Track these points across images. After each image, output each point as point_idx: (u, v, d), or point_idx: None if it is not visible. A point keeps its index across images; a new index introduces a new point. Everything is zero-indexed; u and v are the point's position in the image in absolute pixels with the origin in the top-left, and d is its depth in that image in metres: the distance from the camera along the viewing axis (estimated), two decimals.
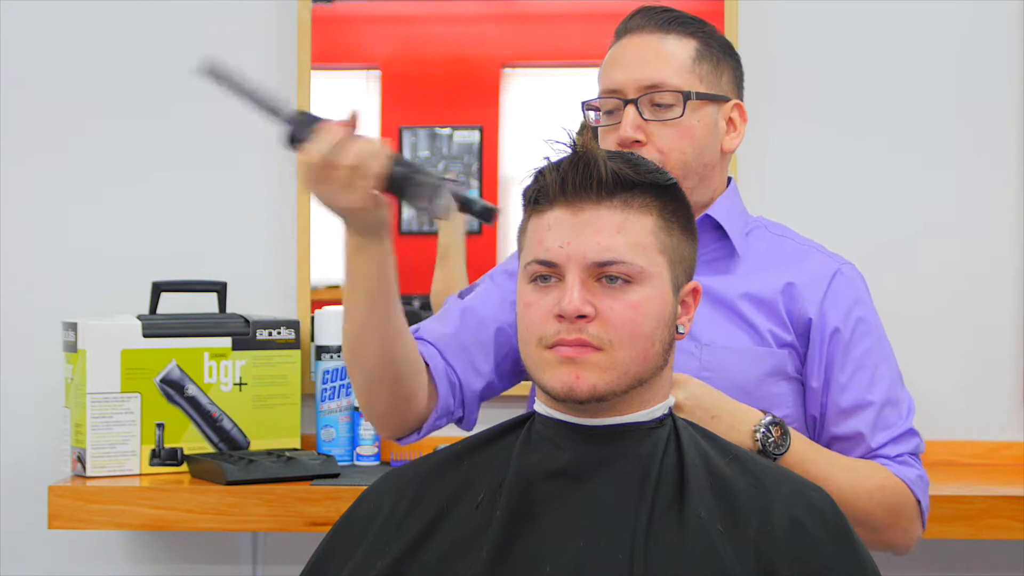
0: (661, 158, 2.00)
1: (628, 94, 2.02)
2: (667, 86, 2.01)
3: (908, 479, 1.99)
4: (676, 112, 2.01)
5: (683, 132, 2.02)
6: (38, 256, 2.91)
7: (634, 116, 2.00)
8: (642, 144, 2.00)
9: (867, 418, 2.01)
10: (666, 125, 2.01)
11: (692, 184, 2.02)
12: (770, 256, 2.08)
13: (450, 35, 2.98)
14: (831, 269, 2.05)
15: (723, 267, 2.06)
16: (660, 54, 2.03)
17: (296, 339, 2.75)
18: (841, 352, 2.02)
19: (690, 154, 2.03)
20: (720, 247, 2.07)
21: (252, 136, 2.89)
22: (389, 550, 1.65)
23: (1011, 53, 2.85)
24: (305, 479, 2.57)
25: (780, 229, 2.13)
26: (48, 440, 2.79)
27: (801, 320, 2.03)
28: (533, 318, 1.64)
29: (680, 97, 2.01)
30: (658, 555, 1.57)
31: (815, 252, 2.09)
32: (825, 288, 2.03)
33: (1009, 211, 2.85)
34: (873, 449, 2.01)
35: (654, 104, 2.01)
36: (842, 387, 2.02)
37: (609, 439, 1.65)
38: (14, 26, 2.91)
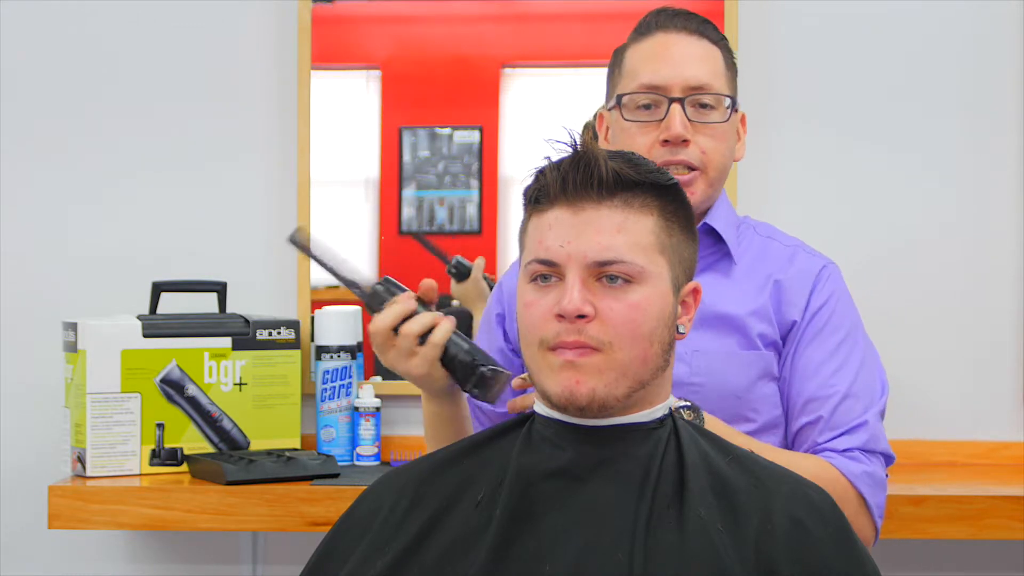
0: (703, 158, 2.02)
1: (673, 92, 2.02)
2: (712, 88, 2.02)
3: (849, 472, 1.98)
4: (719, 116, 2.03)
5: (721, 135, 2.04)
6: (38, 256, 2.91)
7: (682, 115, 2.01)
8: (688, 143, 2.01)
9: (823, 411, 2.01)
10: (709, 128, 2.02)
11: (719, 188, 2.05)
12: (759, 258, 2.09)
13: (450, 35, 2.98)
14: (817, 267, 2.07)
15: (720, 271, 2.07)
16: (700, 56, 2.04)
17: (296, 339, 2.75)
18: (808, 345, 2.03)
19: (727, 157, 2.05)
20: (714, 252, 2.08)
21: (252, 136, 2.90)
22: (389, 550, 1.65)
23: (1011, 53, 2.85)
24: (305, 479, 2.57)
25: (766, 230, 2.14)
26: (48, 440, 2.80)
27: (785, 322, 2.04)
28: (533, 318, 1.64)
29: (723, 101, 2.03)
30: (658, 555, 1.57)
31: (802, 252, 2.10)
32: (810, 287, 2.05)
33: (1009, 211, 2.85)
34: (820, 443, 2.01)
35: (698, 105, 2.02)
36: (804, 378, 2.02)
37: (609, 439, 1.65)
38: (14, 26, 2.91)
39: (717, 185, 2.06)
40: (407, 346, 1.86)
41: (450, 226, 2.96)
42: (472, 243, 2.96)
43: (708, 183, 2.04)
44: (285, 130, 2.88)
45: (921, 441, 2.83)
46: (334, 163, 2.93)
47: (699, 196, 2.04)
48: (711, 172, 2.03)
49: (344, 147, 2.97)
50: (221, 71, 2.90)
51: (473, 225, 2.95)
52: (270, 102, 2.89)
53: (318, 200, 2.87)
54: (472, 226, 2.95)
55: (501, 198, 2.95)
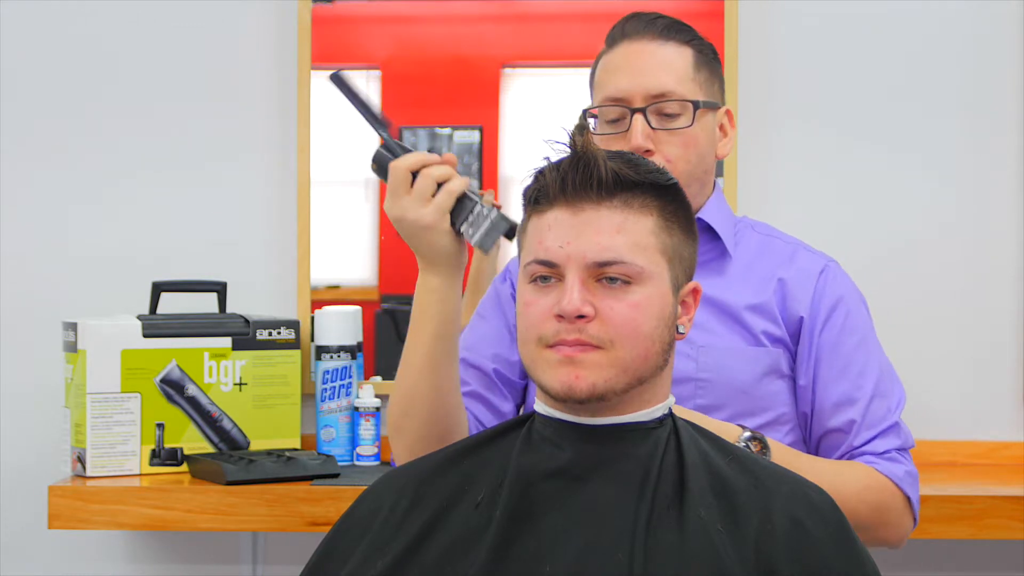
0: (668, 167, 1.99)
1: (635, 103, 2.02)
2: (675, 95, 2.02)
3: (895, 476, 2.00)
4: (684, 121, 2.02)
5: (688, 141, 2.03)
6: (38, 256, 2.91)
7: (643, 125, 2.01)
8: (651, 153, 2.01)
9: (854, 413, 2.02)
10: (673, 134, 2.02)
11: (694, 191, 2.03)
12: (759, 256, 2.09)
13: (450, 35, 2.98)
14: (819, 266, 2.07)
15: (715, 268, 2.07)
16: (664, 62, 2.03)
17: (296, 339, 2.76)
18: (828, 348, 2.03)
19: (694, 162, 2.04)
20: (711, 248, 2.08)
21: (252, 136, 2.90)
22: (389, 550, 1.65)
23: (1011, 53, 2.85)
24: (305, 479, 2.57)
25: (765, 228, 2.14)
26: (48, 440, 2.80)
27: (793, 318, 2.04)
28: (533, 318, 1.64)
29: (688, 106, 2.02)
30: (658, 555, 1.57)
31: (802, 250, 2.10)
32: (814, 285, 2.05)
33: (1009, 211, 2.85)
34: (857, 446, 2.02)
35: (661, 113, 2.02)
36: (830, 383, 2.03)
37: (609, 439, 1.65)
38: (14, 27, 2.91)
39: (696, 186, 2.04)
40: (425, 188, 1.86)
41: None
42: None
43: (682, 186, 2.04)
44: (285, 130, 2.88)
45: (921, 441, 2.81)
46: (334, 163, 2.93)
47: None
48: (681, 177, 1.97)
49: (344, 147, 2.97)
50: (221, 71, 2.90)
51: None
52: (270, 102, 2.89)
53: (318, 200, 2.87)
54: None
55: (501, 198, 2.95)
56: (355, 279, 3.00)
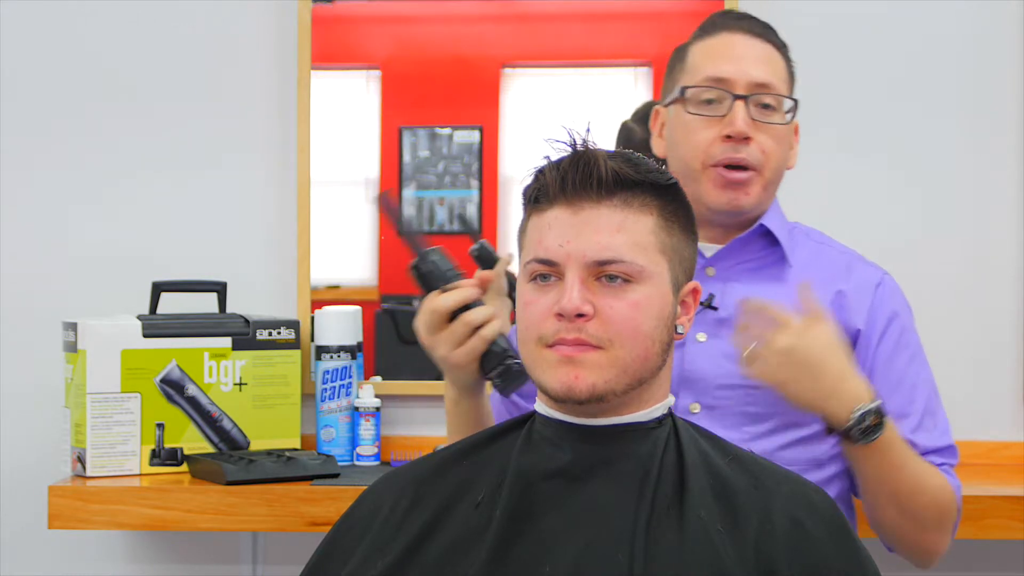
0: (763, 158, 2.03)
1: (737, 89, 2.03)
2: (776, 89, 2.04)
3: (956, 489, 2.01)
4: (780, 117, 2.04)
5: (780, 136, 2.05)
6: (38, 256, 2.91)
7: (745, 112, 2.02)
8: (750, 140, 2.02)
9: (907, 426, 2.02)
10: (770, 128, 2.03)
11: (772, 192, 2.06)
12: (814, 264, 2.08)
13: (450, 35, 2.98)
14: (876, 278, 2.07)
15: (774, 275, 2.07)
16: (763, 57, 2.06)
17: (296, 339, 2.75)
18: (883, 362, 2.03)
19: (782, 160, 2.06)
20: (769, 254, 2.07)
21: (252, 136, 2.90)
22: (389, 550, 1.66)
23: (1011, 53, 2.85)
24: (305, 479, 2.57)
25: (819, 236, 2.14)
26: (48, 440, 2.79)
27: (850, 330, 2.03)
28: (532, 317, 1.64)
29: (784, 103, 2.04)
30: (658, 555, 1.57)
31: (857, 261, 2.10)
32: (872, 297, 2.05)
33: (1009, 211, 2.85)
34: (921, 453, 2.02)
35: (760, 104, 2.03)
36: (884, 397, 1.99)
37: (609, 439, 1.65)
38: (14, 26, 2.91)
39: (771, 188, 2.06)
40: (460, 333, 1.89)
41: (450, 226, 2.96)
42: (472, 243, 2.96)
43: (764, 184, 2.05)
44: (285, 130, 2.88)
45: None
46: (334, 163, 2.93)
47: (753, 198, 2.05)
48: (767, 173, 2.04)
49: (344, 147, 2.97)
50: (221, 71, 2.90)
51: (473, 225, 2.95)
52: (270, 102, 2.89)
53: (318, 200, 2.87)
54: (472, 226, 2.95)
55: (501, 198, 2.95)
56: (355, 279, 3.00)
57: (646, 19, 2.92)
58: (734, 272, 2.08)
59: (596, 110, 2.91)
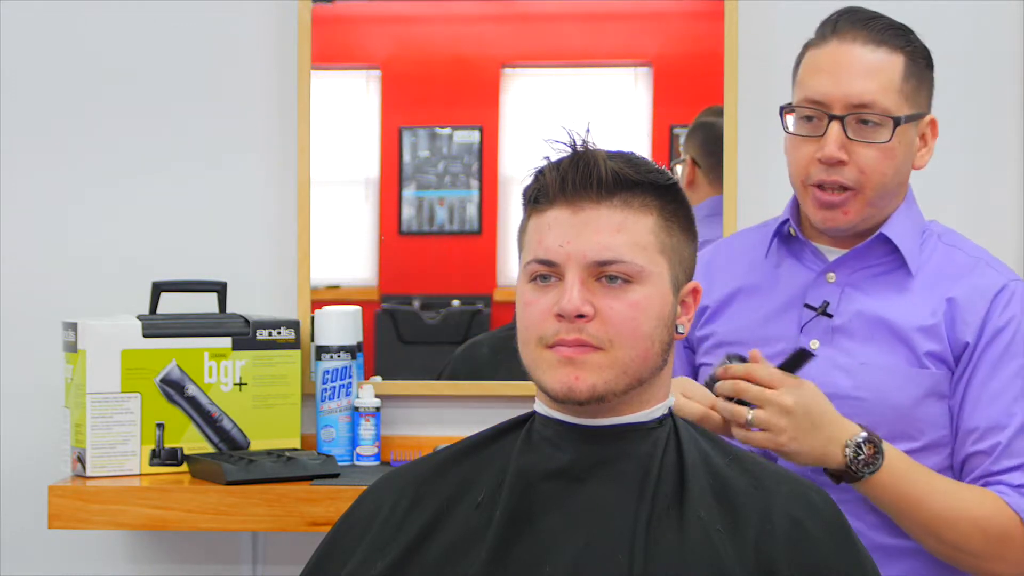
0: (861, 178, 1.96)
1: (834, 109, 1.96)
2: (877, 107, 1.96)
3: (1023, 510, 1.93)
4: (884, 135, 1.96)
5: (887, 154, 1.97)
6: (38, 256, 2.91)
7: (839, 134, 1.95)
8: (844, 163, 1.96)
9: (1000, 438, 1.95)
10: (871, 146, 1.96)
11: (884, 204, 2.00)
12: (939, 270, 2.03)
13: (450, 35, 2.98)
14: (997, 286, 2.00)
15: (892, 283, 2.02)
16: (871, 70, 1.97)
17: (296, 339, 2.75)
18: (987, 369, 1.97)
19: (889, 175, 1.98)
20: (890, 261, 2.03)
21: (252, 136, 2.90)
22: (389, 550, 1.65)
23: (1011, 53, 2.85)
24: (305, 479, 2.57)
25: (952, 238, 2.08)
26: (48, 440, 2.79)
27: (959, 343, 1.98)
28: (532, 317, 1.64)
29: (889, 121, 1.96)
30: (658, 555, 1.57)
31: (984, 266, 2.04)
32: (987, 307, 1.99)
33: (1009, 211, 2.85)
34: (995, 472, 1.96)
35: (860, 122, 1.96)
36: (980, 405, 1.97)
37: (609, 439, 1.65)
38: (14, 26, 2.91)
39: (880, 203, 1.99)
40: None
41: (450, 226, 2.96)
42: (472, 243, 2.96)
43: (866, 202, 1.98)
44: (285, 130, 2.88)
45: None
46: (334, 163, 2.93)
47: (853, 216, 1.99)
48: (869, 191, 1.97)
49: (344, 147, 2.97)
50: (221, 71, 2.90)
51: (473, 225, 2.95)
52: (270, 102, 2.89)
53: (318, 200, 2.87)
54: (472, 226, 2.96)
55: (501, 198, 2.95)
56: (355, 279, 3.00)
57: (646, 19, 2.92)
58: (855, 279, 2.03)
59: (596, 110, 2.91)
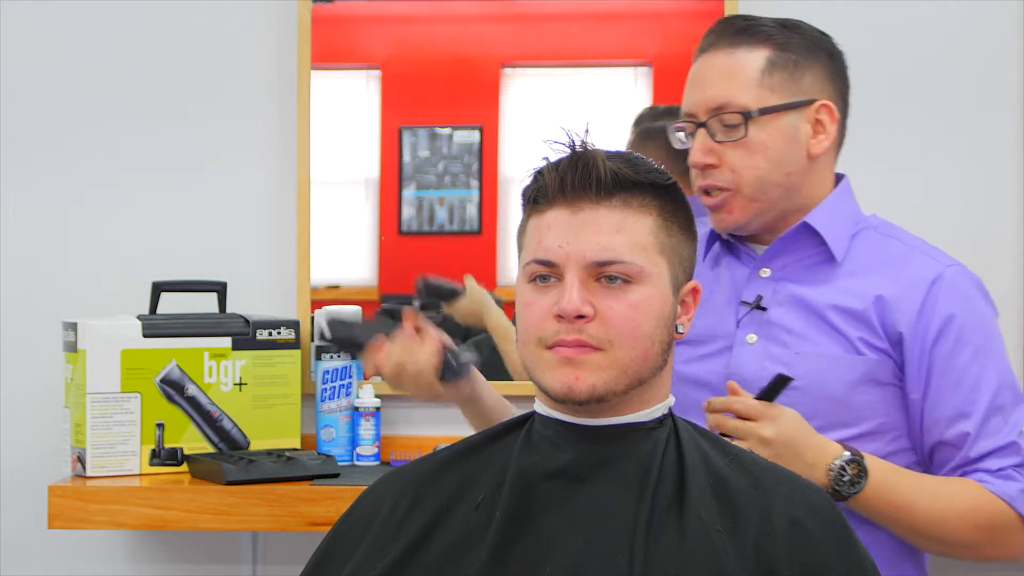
0: (734, 177, 2.00)
1: (700, 116, 2.02)
2: (732, 106, 2.00)
3: (1008, 495, 1.95)
4: (742, 132, 2.00)
5: (754, 149, 2.00)
6: (38, 256, 2.91)
7: (704, 140, 2.01)
8: (715, 167, 2.00)
9: (968, 427, 1.97)
10: (736, 145, 2.00)
11: (775, 196, 2.02)
12: (871, 260, 2.05)
13: (450, 35, 2.98)
14: (933, 273, 2.02)
15: (820, 274, 2.04)
16: (725, 73, 2.01)
17: (296, 339, 2.75)
18: (941, 362, 1.99)
19: (765, 168, 2.01)
20: (818, 252, 2.05)
21: (252, 136, 2.90)
22: (389, 550, 1.66)
23: (1011, 53, 2.85)
24: (305, 479, 2.57)
25: (889, 229, 2.10)
26: (48, 440, 2.79)
27: (894, 333, 2.00)
28: (532, 318, 1.64)
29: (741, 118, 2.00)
30: (658, 556, 1.57)
31: (920, 254, 2.06)
32: (922, 297, 2.00)
33: (1009, 211, 2.85)
34: (973, 459, 1.97)
35: (725, 125, 2.00)
36: (941, 398, 1.98)
37: (609, 439, 1.65)
38: (14, 26, 2.91)
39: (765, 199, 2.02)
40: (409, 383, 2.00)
41: (450, 226, 2.96)
42: (472, 243, 2.96)
43: (747, 200, 2.02)
44: (285, 130, 2.88)
45: None
46: (334, 163, 2.93)
47: (739, 215, 2.03)
48: (746, 189, 2.01)
49: (344, 147, 2.97)
50: (221, 71, 2.90)
51: (473, 225, 2.95)
52: (270, 102, 2.89)
53: (318, 200, 2.87)
54: (472, 226, 2.95)
55: (501, 198, 2.95)
56: (355, 279, 3.00)
57: (646, 19, 2.92)
58: (788, 271, 2.06)
59: (596, 110, 2.91)
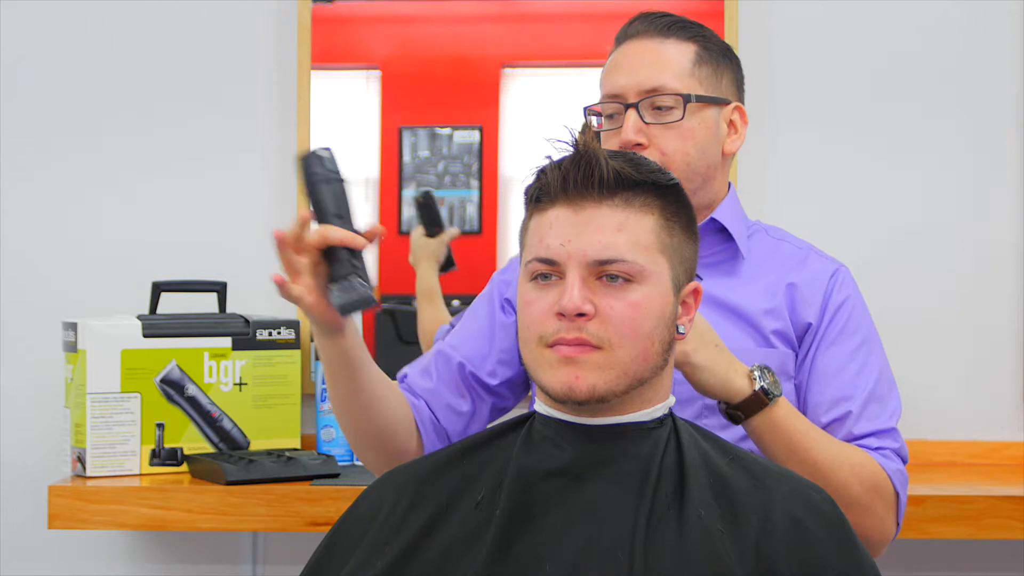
0: (664, 159, 2.01)
1: (629, 98, 2.03)
2: (667, 89, 2.03)
3: (889, 470, 1.98)
4: (676, 115, 2.02)
5: (684, 134, 2.03)
6: (38, 256, 2.91)
7: (635, 120, 2.02)
8: (644, 147, 2.02)
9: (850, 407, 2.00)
10: (668, 128, 2.02)
11: (695, 186, 2.04)
12: (770, 259, 2.09)
13: (450, 35, 2.98)
14: (830, 269, 2.07)
15: (727, 270, 2.07)
16: (660, 59, 2.05)
17: (296, 339, 2.76)
18: (827, 346, 2.03)
19: (693, 155, 2.04)
20: (724, 249, 2.08)
21: (252, 136, 2.90)
22: (389, 550, 1.65)
23: (1011, 53, 2.85)
24: (305, 479, 2.57)
25: (778, 233, 2.14)
26: (48, 440, 2.80)
27: (801, 323, 2.04)
28: (533, 316, 1.64)
29: (680, 100, 2.02)
30: (658, 555, 1.57)
31: (815, 255, 2.10)
32: (825, 288, 2.05)
33: (1009, 211, 2.85)
34: (855, 436, 2.00)
35: (655, 107, 2.03)
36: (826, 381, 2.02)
37: (609, 439, 1.65)
38: (14, 26, 2.91)
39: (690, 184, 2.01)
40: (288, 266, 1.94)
41: (450, 226, 2.96)
42: (472, 243, 2.96)
43: None
44: (285, 130, 2.88)
45: (921, 441, 2.83)
46: None
47: None
48: (678, 171, 2.01)
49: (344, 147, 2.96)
50: (221, 71, 2.90)
51: (473, 225, 2.95)
52: (270, 102, 2.89)
53: None
54: (472, 226, 2.95)
55: (501, 198, 2.95)
56: None
57: None
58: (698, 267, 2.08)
59: None
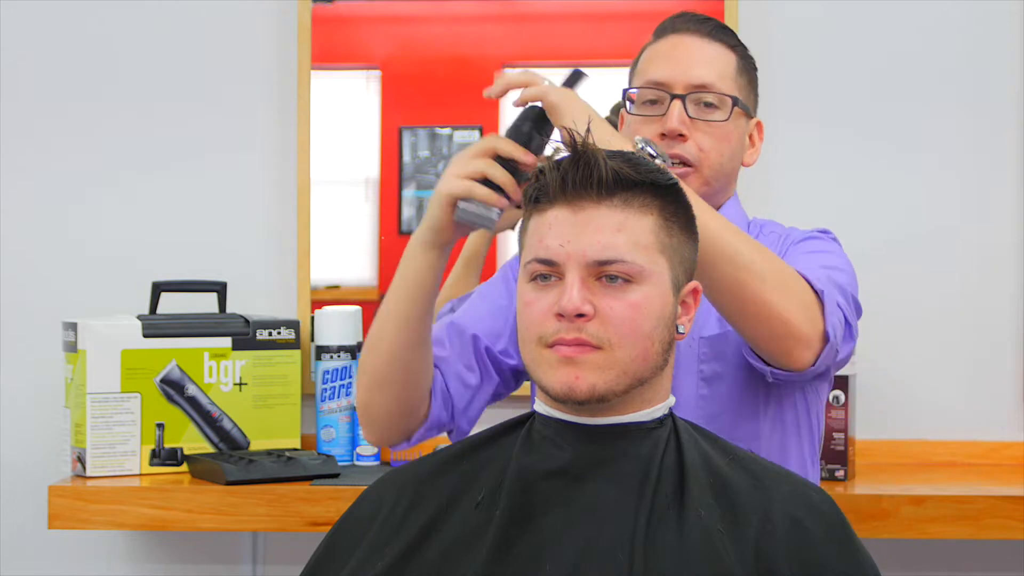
0: (700, 155, 2.04)
1: (676, 89, 2.05)
2: (716, 88, 2.05)
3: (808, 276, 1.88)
4: (722, 115, 2.05)
5: (723, 135, 2.06)
6: (38, 256, 2.91)
7: (681, 111, 2.04)
8: (685, 138, 2.04)
9: None
10: (711, 125, 2.04)
11: (718, 187, 2.06)
12: None
13: (450, 35, 2.98)
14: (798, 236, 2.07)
15: None
16: (708, 59, 2.07)
17: (296, 339, 2.76)
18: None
19: (726, 156, 2.07)
20: None
21: (252, 136, 2.90)
22: (389, 550, 1.66)
23: (1011, 53, 2.85)
24: (305, 479, 2.57)
25: (771, 227, 2.15)
26: (48, 440, 2.80)
27: None
28: (532, 316, 1.64)
29: (727, 101, 2.05)
30: (658, 555, 1.57)
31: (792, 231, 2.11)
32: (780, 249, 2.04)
33: (1009, 212, 2.85)
34: None
35: (700, 103, 2.05)
36: None
37: (609, 439, 1.65)
38: (14, 26, 2.91)
39: (715, 184, 2.06)
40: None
41: None
42: None
43: (703, 181, 2.05)
44: (285, 130, 2.88)
45: (921, 441, 2.83)
46: (334, 163, 2.93)
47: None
48: (706, 170, 2.05)
49: (344, 147, 2.97)
50: (221, 71, 2.90)
51: None
52: (270, 102, 2.89)
53: (318, 200, 2.88)
54: None
55: None
56: (355, 279, 3.00)
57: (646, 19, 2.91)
58: None
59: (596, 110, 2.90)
